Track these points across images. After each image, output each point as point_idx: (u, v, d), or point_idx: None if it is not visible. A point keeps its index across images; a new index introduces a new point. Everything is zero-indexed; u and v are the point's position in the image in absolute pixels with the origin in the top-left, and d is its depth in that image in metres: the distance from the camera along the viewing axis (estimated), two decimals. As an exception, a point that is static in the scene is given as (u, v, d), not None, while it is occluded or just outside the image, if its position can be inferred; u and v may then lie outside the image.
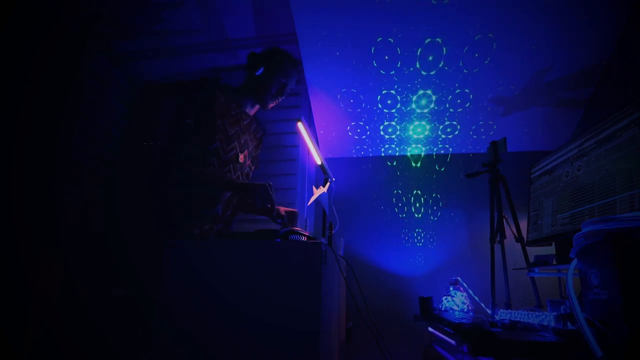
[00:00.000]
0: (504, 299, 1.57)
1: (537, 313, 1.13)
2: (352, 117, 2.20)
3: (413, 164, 2.27)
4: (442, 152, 2.25)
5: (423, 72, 1.96)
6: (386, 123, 2.19)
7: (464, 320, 1.12)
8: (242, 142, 1.49)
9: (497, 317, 1.30)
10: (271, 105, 1.51)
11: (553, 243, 1.53)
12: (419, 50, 1.89)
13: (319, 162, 1.65)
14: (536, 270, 1.50)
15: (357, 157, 2.34)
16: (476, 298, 1.73)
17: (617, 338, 0.71)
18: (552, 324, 0.99)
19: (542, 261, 1.48)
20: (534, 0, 1.67)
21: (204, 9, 2.10)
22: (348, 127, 2.24)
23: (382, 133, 2.23)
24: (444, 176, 2.22)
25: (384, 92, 2.07)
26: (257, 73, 1.44)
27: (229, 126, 1.42)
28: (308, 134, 1.56)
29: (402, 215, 2.20)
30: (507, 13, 1.72)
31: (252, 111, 1.54)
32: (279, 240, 1.01)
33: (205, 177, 1.33)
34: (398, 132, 2.22)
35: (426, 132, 2.19)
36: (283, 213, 1.44)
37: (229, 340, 0.93)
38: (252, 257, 0.98)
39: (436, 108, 2.09)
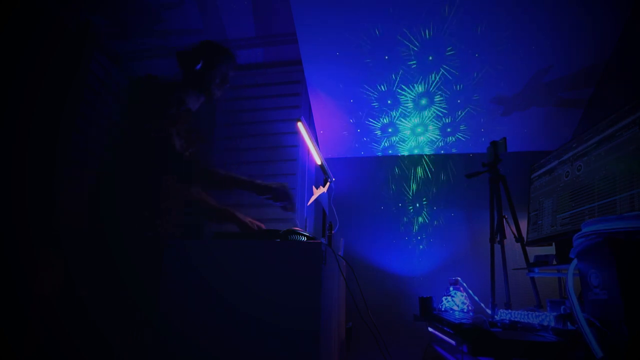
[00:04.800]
0: (504, 299, 1.57)
1: (537, 313, 1.13)
2: (352, 117, 2.19)
3: (413, 164, 2.27)
4: (442, 152, 2.25)
5: (424, 72, 1.96)
6: (386, 123, 2.19)
7: (463, 320, 1.12)
8: (193, 139, 1.47)
9: (497, 317, 1.30)
10: (218, 94, 1.53)
11: (553, 243, 1.53)
12: (420, 50, 1.89)
13: (319, 162, 1.65)
14: (536, 270, 1.50)
15: (357, 157, 2.34)
16: (476, 298, 1.72)
17: (617, 338, 0.71)
18: (552, 324, 0.99)
19: (542, 261, 1.48)
20: (534, 0, 1.67)
21: (203, 9, 2.10)
22: (348, 127, 2.24)
23: (382, 133, 2.23)
24: (444, 176, 2.22)
25: (384, 92, 2.07)
26: (197, 67, 1.46)
27: (181, 128, 1.41)
28: (308, 134, 1.56)
29: (402, 215, 2.20)
30: (507, 13, 1.72)
31: (196, 106, 1.54)
32: (278, 240, 1.01)
33: (220, 177, 1.35)
34: (398, 132, 2.22)
35: (426, 132, 2.19)
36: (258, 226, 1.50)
37: (229, 340, 0.93)
38: (252, 257, 0.98)
39: (436, 108, 2.09)
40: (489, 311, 1.60)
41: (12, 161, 1.64)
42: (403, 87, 2.03)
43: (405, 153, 2.29)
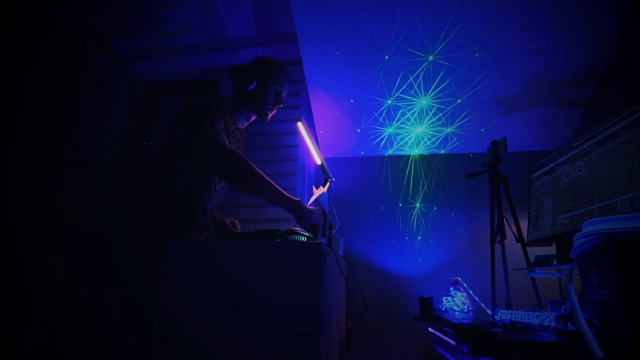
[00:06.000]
0: (504, 299, 1.57)
1: (537, 313, 1.13)
2: (352, 117, 2.19)
3: (413, 164, 2.27)
4: (442, 152, 2.25)
5: (423, 72, 1.96)
6: (386, 123, 2.19)
7: (464, 321, 1.12)
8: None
9: (497, 318, 1.30)
10: (270, 115, 1.50)
11: (553, 243, 1.53)
12: (419, 50, 1.89)
13: (319, 162, 1.65)
14: (536, 270, 1.50)
15: (357, 157, 2.34)
16: (476, 298, 1.72)
17: (617, 338, 0.71)
18: (553, 324, 0.99)
19: (542, 261, 1.48)
20: (533, 0, 1.67)
21: (203, 9, 2.10)
22: (348, 127, 2.24)
23: (382, 133, 2.23)
24: (444, 176, 2.22)
25: (384, 91, 2.07)
26: (250, 88, 1.43)
27: (231, 145, 1.39)
28: (308, 134, 1.56)
29: (402, 215, 2.20)
30: (507, 13, 1.72)
31: (245, 125, 1.52)
32: (279, 240, 1.01)
33: (269, 185, 1.23)
34: (398, 132, 2.22)
35: (426, 132, 2.19)
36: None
37: (229, 340, 0.93)
38: (252, 257, 0.98)
39: (436, 108, 2.09)
40: (489, 311, 1.60)
41: (12, 161, 1.64)
42: (403, 87, 2.03)
43: (405, 153, 2.29)
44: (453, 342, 1.13)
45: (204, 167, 1.33)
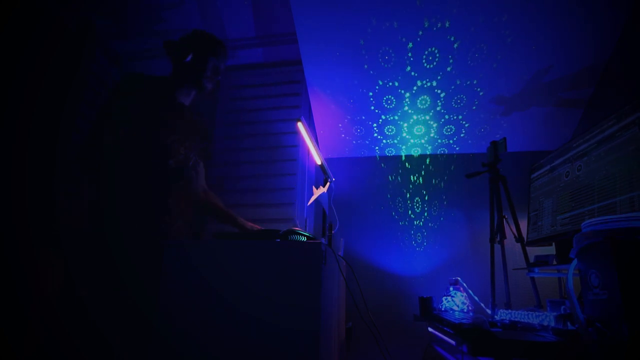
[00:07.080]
0: (504, 299, 1.57)
1: (537, 313, 1.13)
2: (352, 117, 2.20)
3: (413, 164, 2.27)
4: (442, 152, 2.25)
5: (423, 73, 1.96)
6: (386, 123, 2.19)
7: (463, 320, 1.12)
8: (182, 130, 1.42)
9: (497, 317, 1.30)
10: (210, 87, 1.47)
11: (553, 243, 1.54)
12: (420, 50, 1.89)
13: (319, 162, 1.65)
14: (536, 270, 1.50)
15: (357, 157, 2.34)
16: (476, 298, 1.73)
17: (617, 338, 0.71)
18: (552, 324, 1.00)
19: (542, 261, 1.48)
20: (534, 0, 1.67)
21: (203, 9, 2.10)
22: (348, 127, 2.24)
23: (382, 133, 2.23)
24: (444, 176, 2.22)
25: (384, 92, 2.07)
26: (187, 60, 1.42)
27: (163, 112, 1.38)
28: (308, 134, 1.56)
29: (402, 215, 2.20)
30: (507, 13, 1.72)
31: (188, 100, 1.49)
32: (279, 240, 1.01)
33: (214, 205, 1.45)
34: (398, 132, 2.22)
35: (426, 132, 2.20)
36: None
37: (229, 340, 0.93)
38: (252, 257, 0.98)
39: (436, 108, 2.09)
40: (489, 311, 1.60)
41: (12, 161, 1.64)
42: (403, 87, 2.03)
43: (406, 153, 2.29)
44: (453, 342, 1.13)
45: None
